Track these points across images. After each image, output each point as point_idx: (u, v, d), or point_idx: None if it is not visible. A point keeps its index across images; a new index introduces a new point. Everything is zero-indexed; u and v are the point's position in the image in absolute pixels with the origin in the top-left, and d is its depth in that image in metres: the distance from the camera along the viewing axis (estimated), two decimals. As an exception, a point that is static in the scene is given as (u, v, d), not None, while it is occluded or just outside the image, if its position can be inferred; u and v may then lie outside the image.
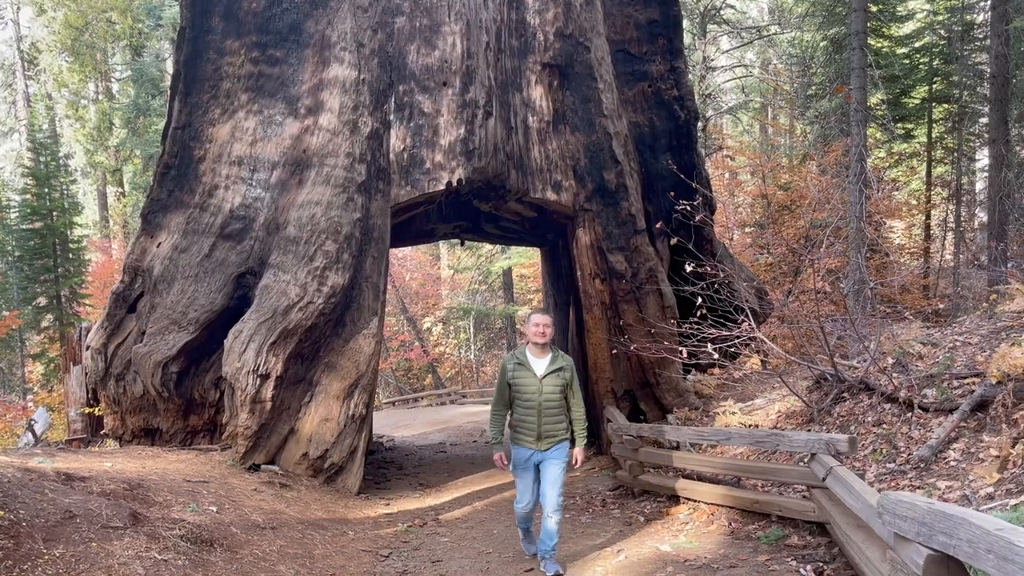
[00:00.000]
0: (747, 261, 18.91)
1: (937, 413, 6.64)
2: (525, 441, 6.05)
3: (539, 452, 6.02)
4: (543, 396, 5.95)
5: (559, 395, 6.00)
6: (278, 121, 10.58)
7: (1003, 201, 16.03)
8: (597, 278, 11.61)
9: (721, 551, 6.31)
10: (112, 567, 4.92)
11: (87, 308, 21.41)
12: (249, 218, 10.32)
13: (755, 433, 7.35)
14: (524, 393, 6.00)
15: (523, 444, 6.07)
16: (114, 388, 10.18)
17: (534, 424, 5.98)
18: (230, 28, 10.78)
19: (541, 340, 5.98)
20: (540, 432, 5.98)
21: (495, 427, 6.28)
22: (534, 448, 6.01)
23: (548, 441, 6.00)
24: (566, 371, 6.03)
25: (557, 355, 6.06)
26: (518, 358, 6.07)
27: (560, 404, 6.04)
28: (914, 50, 22.23)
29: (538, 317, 6.07)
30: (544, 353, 6.05)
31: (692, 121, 13.04)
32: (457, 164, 10.59)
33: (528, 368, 6.00)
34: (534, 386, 5.96)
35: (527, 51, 11.44)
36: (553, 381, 5.97)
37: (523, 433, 6.05)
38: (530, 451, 6.04)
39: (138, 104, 28.21)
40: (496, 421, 6.27)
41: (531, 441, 6.01)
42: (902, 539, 3.31)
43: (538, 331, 5.98)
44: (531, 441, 6.01)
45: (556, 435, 6.03)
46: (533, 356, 6.05)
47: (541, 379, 5.95)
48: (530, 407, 5.98)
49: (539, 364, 6.02)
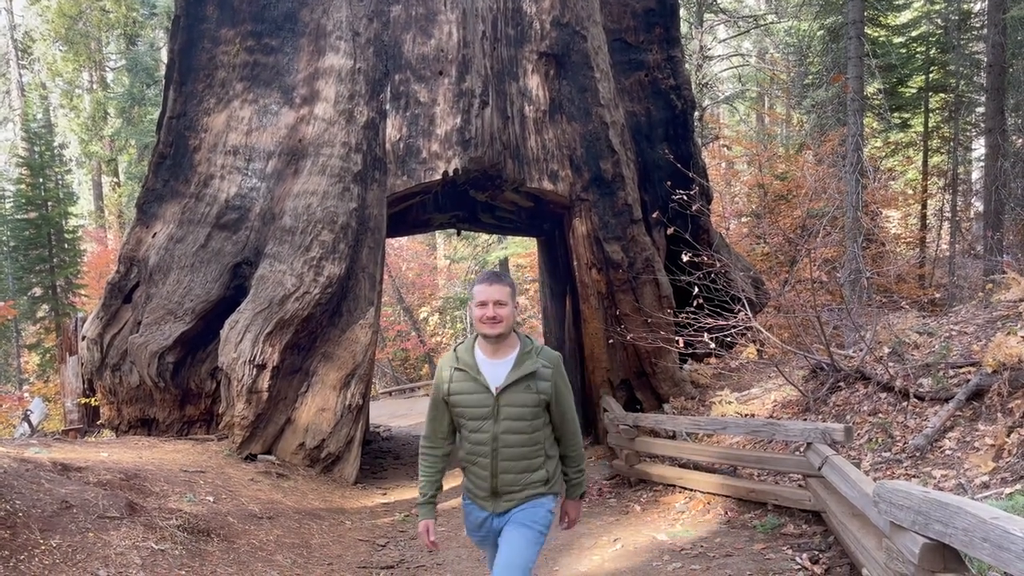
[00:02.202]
0: (743, 251, 18.91)
1: (933, 402, 6.65)
2: (476, 497, 3.64)
3: (496, 517, 3.58)
4: (500, 424, 3.45)
5: (530, 422, 3.46)
6: (273, 110, 10.55)
7: (999, 190, 16.03)
8: (593, 268, 11.60)
9: (717, 540, 6.34)
10: (109, 557, 4.92)
11: (83, 298, 21.37)
12: (245, 208, 10.29)
13: (751, 422, 7.38)
14: (469, 419, 3.52)
15: (474, 501, 3.67)
16: (110, 378, 10.16)
17: (486, 471, 3.52)
18: (225, 17, 10.72)
19: (491, 330, 3.43)
20: (495, 485, 3.52)
21: (426, 476, 3.73)
22: (488, 510, 3.59)
23: (509, 500, 3.54)
24: (544, 379, 3.47)
25: (528, 352, 3.50)
26: (460, 359, 3.54)
27: (533, 438, 3.50)
28: (911, 39, 22.19)
29: (485, 289, 3.46)
30: (503, 350, 3.50)
31: (689, 110, 13.01)
32: (453, 154, 10.56)
33: (474, 376, 3.48)
34: (484, 407, 3.46)
35: (523, 40, 11.40)
36: (518, 398, 3.44)
37: (472, 484, 3.65)
38: (483, 513, 3.62)
39: (133, 93, 28.08)
40: (428, 465, 3.73)
41: (483, 498, 3.59)
42: (898, 528, 3.32)
43: (485, 314, 3.43)
44: (483, 498, 3.59)
45: (522, 488, 3.53)
46: (484, 355, 3.52)
47: (497, 395, 3.43)
48: (479, 442, 3.50)
49: (493, 369, 3.48)
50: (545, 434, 3.56)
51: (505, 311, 3.45)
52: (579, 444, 3.74)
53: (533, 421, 3.48)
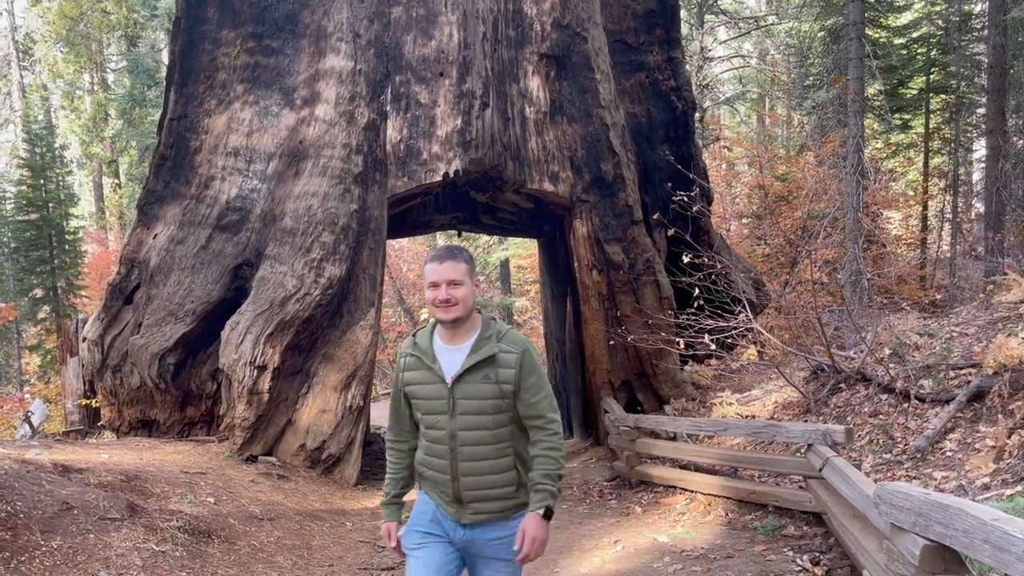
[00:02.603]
0: (744, 252, 18.90)
1: (933, 404, 6.65)
2: (436, 497, 3.18)
3: (461, 527, 3.10)
4: (457, 420, 3.04)
5: (492, 416, 3.04)
6: (274, 112, 10.55)
7: (1000, 192, 16.02)
8: (594, 269, 11.60)
9: (718, 541, 6.33)
10: (110, 558, 4.93)
11: (83, 300, 21.37)
12: (246, 209, 10.29)
13: (752, 424, 7.38)
14: (425, 413, 3.13)
15: (433, 498, 3.20)
16: (111, 380, 10.17)
17: (446, 474, 3.08)
18: (226, 18, 10.73)
19: (444, 315, 3.03)
20: (458, 490, 3.06)
21: (391, 472, 3.36)
22: (452, 516, 3.11)
23: (478, 509, 3.07)
24: (506, 366, 3.03)
25: (487, 336, 3.07)
26: (417, 344, 3.17)
27: (497, 435, 3.06)
28: (912, 40, 22.18)
29: (436, 268, 3.06)
30: (462, 334, 3.09)
31: (689, 112, 13.02)
32: (454, 155, 10.56)
33: (428, 364, 3.10)
34: (439, 399, 3.07)
35: (524, 41, 11.40)
36: (476, 388, 3.02)
37: (431, 489, 3.20)
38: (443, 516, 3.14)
39: (134, 95, 28.09)
40: (394, 460, 3.35)
41: (446, 501, 3.12)
42: (898, 529, 3.32)
43: (438, 296, 3.02)
44: (446, 501, 3.12)
45: (492, 498, 3.07)
46: (442, 341, 3.13)
47: (452, 385, 3.03)
48: (436, 440, 3.10)
49: (450, 357, 3.08)
50: (514, 431, 3.08)
51: (461, 291, 3.01)
52: (553, 444, 3.05)
53: (496, 415, 3.03)
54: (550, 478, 3.03)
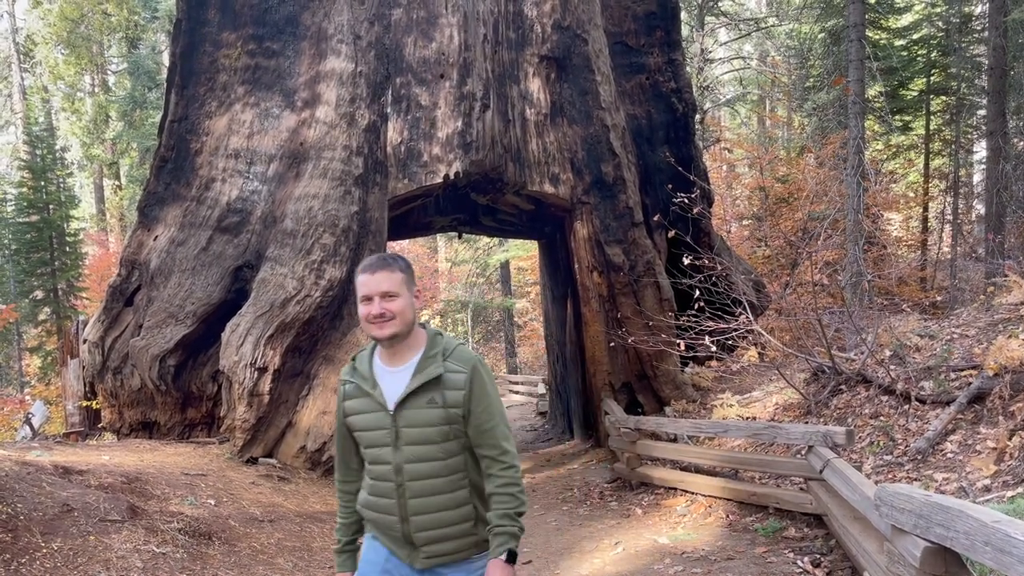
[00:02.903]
0: (744, 254, 18.91)
1: (934, 405, 6.65)
2: (386, 541, 2.81)
3: (416, 574, 2.75)
4: (403, 451, 2.68)
5: (441, 445, 2.68)
6: (275, 114, 10.56)
7: (1000, 193, 16.02)
8: (595, 271, 11.61)
9: (719, 543, 6.33)
10: (110, 560, 4.92)
11: (84, 301, 21.37)
12: (246, 211, 10.30)
13: (752, 425, 7.38)
14: (367, 446, 2.77)
15: (382, 543, 2.83)
16: (111, 381, 10.17)
17: (393, 515, 2.72)
18: (226, 20, 10.74)
19: (379, 331, 2.67)
20: (408, 531, 2.70)
21: (340, 517, 2.99)
22: (405, 561, 2.76)
23: (432, 552, 2.72)
24: (454, 387, 2.67)
25: (433, 355, 2.71)
26: (356, 369, 2.81)
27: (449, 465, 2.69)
28: (912, 42, 22.19)
29: (368, 280, 2.71)
30: (403, 354, 2.74)
31: (690, 113, 13.03)
32: (455, 157, 10.56)
33: (368, 391, 2.74)
34: (382, 429, 2.71)
35: (525, 43, 11.41)
36: (421, 415, 2.67)
37: (378, 526, 2.82)
38: (395, 563, 2.78)
39: (134, 97, 28.12)
40: (343, 505, 2.99)
41: (396, 545, 2.77)
42: (899, 531, 3.32)
43: (371, 312, 2.68)
44: (396, 545, 2.77)
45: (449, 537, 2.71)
46: (382, 363, 2.78)
47: (394, 412, 2.68)
48: (381, 476, 2.73)
49: (392, 380, 2.73)
50: (467, 459, 2.72)
51: (397, 304, 2.66)
52: (511, 478, 2.66)
53: (445, 444, 2.66)
54: (510, 518, 2.65)
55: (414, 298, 2.76)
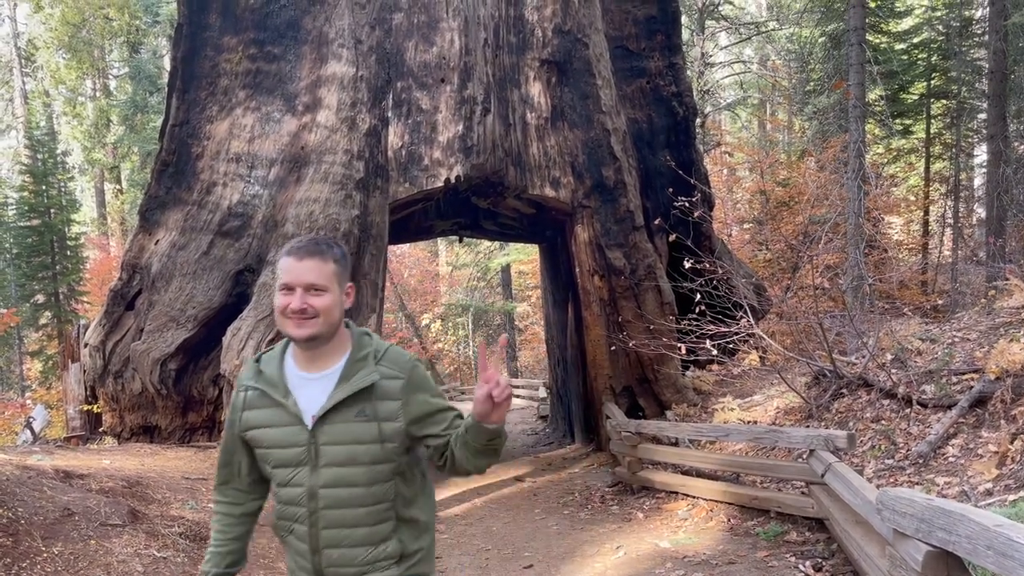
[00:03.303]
0: (745, 257, 18.91)
1: (936, 409, 6.64)
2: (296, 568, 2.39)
3: None
4: (321, 474, 2.25)
5: (368, 467, 2.24)
6: (276, 118, 10.57)
7: (1001, 197, 16.02)
8: (596, 274, 11.61)
9: (720, 547, 6.32)
10: (111, 565, 4.92)
11: (85, 305, 21.38)
12: (247, 215, 10.30)
13: (754, 429, 7.37)
14: (276, 466, 2.33)
15: None
16: (112, 385, 10.17)
17: (303, 543, 2.32)
18: (228, 25, 10.76)
19: (298, 331, 2.21)
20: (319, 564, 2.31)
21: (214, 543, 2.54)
22: None
23: None
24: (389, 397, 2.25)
25: (362, 358, 2.29)
26: (262, 373, 2.34)
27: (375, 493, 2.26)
28: (912, 46, 22.22)
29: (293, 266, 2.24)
30: (325, 357, 2.30)
31: (690, 117, 13.04)
32: (455, 161, 10.57)
33: (278, 400, 2.28)
34: (296, 447, 2.26)
35: (525, 47, 11.42)
36: (347, 431, 2.23)
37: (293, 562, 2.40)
38: None
39: (136, 101, 28.15)
40: (219, 530, 2.54)
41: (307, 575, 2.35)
42: (901, 535, 3.31)
43: (290, 305, 2.21)
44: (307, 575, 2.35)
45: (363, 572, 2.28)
46: (297, 367, 2.32)
47: (313, 427, 2.24)
48: (292, 501, 2.33)
49: (309, 388, 2.28)
50: (398, 486, 2.27)
51: (323, 301, 2.19)
52: None
53: (373, 467, 2.21)
54: None
55: (345, 296, 2.31)
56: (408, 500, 2.33)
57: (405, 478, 2.33)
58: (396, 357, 2.30)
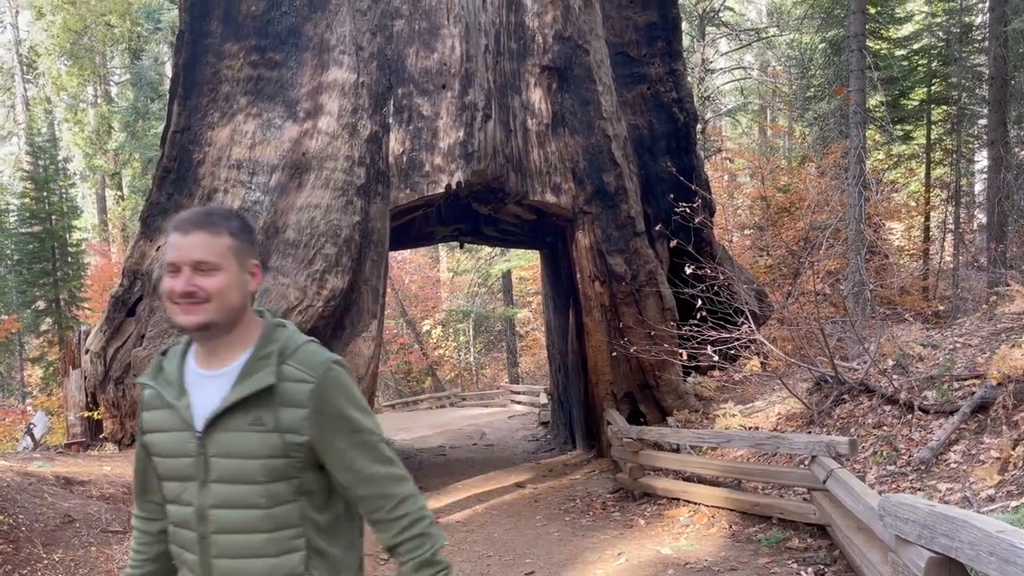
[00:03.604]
0: (746, 263, 18.91)
1: (937, 415, 6.63)
2: None
3: None
4: (210, 489, 1.84)
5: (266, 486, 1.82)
6: (277, 124, 10.58)
7: (1002, 203, 16.02)
8: (596, 280, 11.60)
9: (722, 554, 6.31)
10: (112, 571, 4.91)
11: (86, 312, 21.39)
12: (248, 221, 10.30)
13: (755, 435, 7.36)
14: (166, 478, 1.94)
15: None
16: (113, 392, 10.16)
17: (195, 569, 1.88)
18: (229, 31, 10.78)
19: (186, 317, 1.87)
20: None
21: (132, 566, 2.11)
22: None
23: None
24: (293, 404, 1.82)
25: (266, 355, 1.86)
26: (163, 369, 2.01)
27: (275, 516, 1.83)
28: (913, 52, 22.25)
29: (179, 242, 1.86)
30: (226, 351, 1.92)
31: (691, 123, 13.05)
32: (456, 167, 10.58)
33: (172, 401, 1.91)
34: (185, 458, 1.87)
35: (526, 54, 11.44)
36: (240, 441, 1.82)
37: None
38: None
39: (137, 107, 28.21)
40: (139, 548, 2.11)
41: None
42: (903, 541, 3.30)
43: (175, 287, 1.84)
44: None
45: None
46: (197, 364, 1.97)
47: (203, 434, 1.84)
48: (181, 522, 1.90)
49: (205, 389, 1.89)
50: (305, 510, 1.86)
51: (215, 282, 1.82)
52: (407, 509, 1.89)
53: (272, 486, 1.81)
54: (429, 565, 1.88)
55: (249, 275, 1.91)
56: (322, 528, 1.89)
57: (314, 501, 1.88)
58: (308, 356, 1.88)
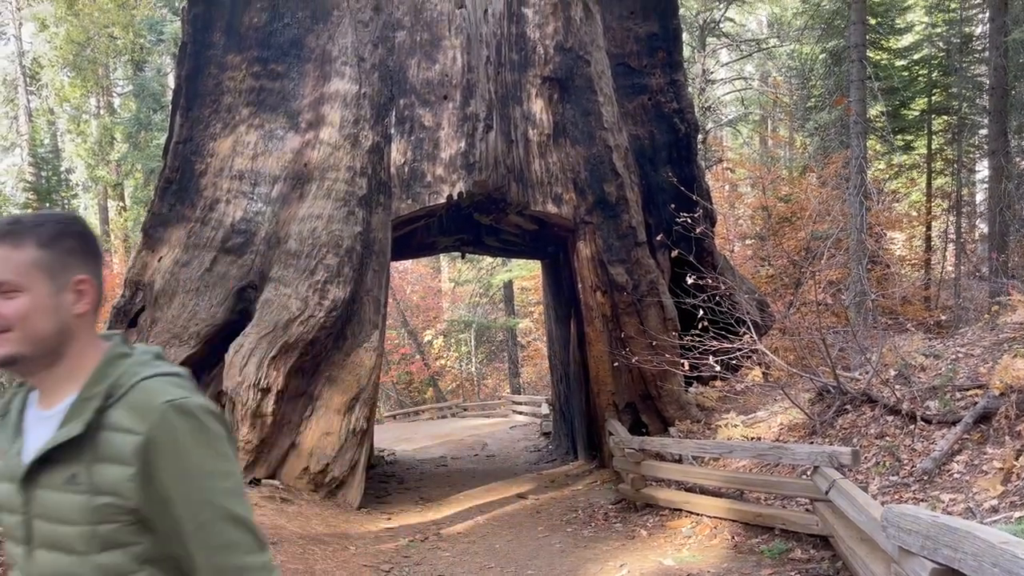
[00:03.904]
0: (748, 273, 18.91)
1: (940, 425, 6.61)
2: None
3: None
4: (34, 557, 1.48)
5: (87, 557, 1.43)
6: (279, 135, 10.61)
7: (1003, 212, 16.03)
8: (598, 290, 11.60)
9: (724, 565, 6.28)
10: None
11: (88, 322, 21.37)
12: (250, 232, 10.32)
13: (757, 446, 7.34)
14: (5, 536, 1.56)
15: None
16: (115, 402, 10.15)
17: None
18: (231, 43, 10.82)
19: None
20: None
21: None
22: None
23: None
24: (115, 461, 1.43)
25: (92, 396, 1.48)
26: (8, 409, 1.62)
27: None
28: (913, 62, 22.31)
29: None
30: (56, 388, 1.54)
31: (692, 133, 13.08)
32: (458, 177, 10.60)
33: (5, 444, 1.57)
34: (13, 513, 1.51)
35: (527, 65, 11.48)
36: (59, 502, 1.45)
37: None
38: None
39: (139, 119, 28.29)
40: None
41: None
42: (906, 553, 3.29)
43: None
44: None
45: None
46: (37, 401, 1.58)
47: (23, 487, 1.48)
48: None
49: (41, 431, 1.52)
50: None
51: (15, 305, 1.48)
52: None
53: (97, 557, 1.45)
54: None
55: (74, 294, 1.54)
56: None
57: (166, 569, 1.49)
58: (141, 399, 1.48)
